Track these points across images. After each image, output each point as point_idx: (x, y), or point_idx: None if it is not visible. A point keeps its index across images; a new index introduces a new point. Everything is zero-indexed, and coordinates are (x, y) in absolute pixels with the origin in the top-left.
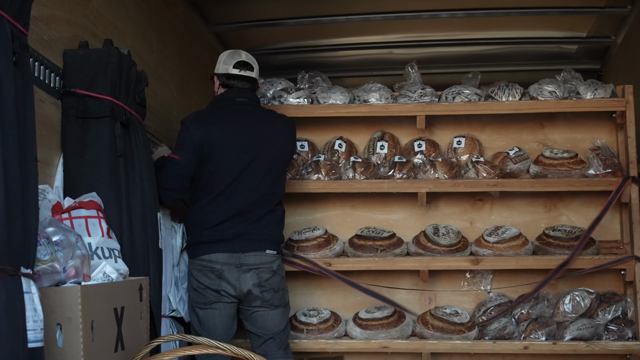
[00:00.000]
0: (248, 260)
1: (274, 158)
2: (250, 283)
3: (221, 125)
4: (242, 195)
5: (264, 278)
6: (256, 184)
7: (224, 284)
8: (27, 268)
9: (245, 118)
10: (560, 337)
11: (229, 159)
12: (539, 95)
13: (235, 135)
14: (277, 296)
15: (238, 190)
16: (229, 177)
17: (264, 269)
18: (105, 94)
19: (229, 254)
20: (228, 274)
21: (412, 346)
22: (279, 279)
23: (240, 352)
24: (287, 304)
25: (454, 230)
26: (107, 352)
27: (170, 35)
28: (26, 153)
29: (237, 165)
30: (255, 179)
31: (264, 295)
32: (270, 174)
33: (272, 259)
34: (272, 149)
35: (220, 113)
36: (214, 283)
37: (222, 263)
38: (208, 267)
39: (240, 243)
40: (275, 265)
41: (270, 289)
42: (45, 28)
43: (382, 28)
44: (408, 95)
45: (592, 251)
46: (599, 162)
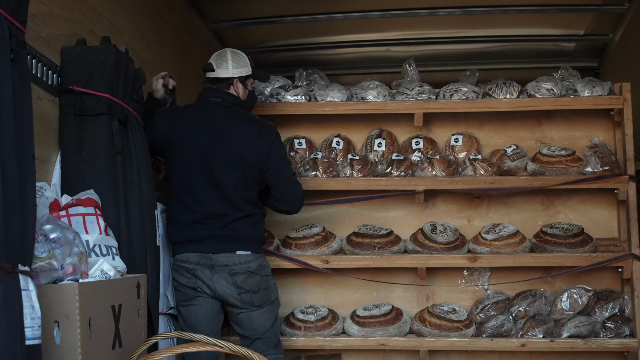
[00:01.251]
0: (219, 260)
1: (240, 161)
2: (224, 284)
3: (184, 123)
4: (209, 197)
5: (240, 279)
6: (222, 188)
7: (199, 282)
8: (24, 265)
9: (212, 119)
10: (557, 334)
11: (188, 157)
12: (536, 92)
13: (196, 135)
14: (257, 297)
15: (203, 192)
16: (191, 177)
17: (238, 270)
18: (103, 92)
19: (200, 254)
20: (201, 274)
21: (409, 343)
22: (259, 279)
23: (238, 350)
24: (272, 301)
25: (452, 227)
26: (105, 350)
27: (168, 33)
28: (24, 150)
29: (198, 165)
30: (221, 180)
31: (242, 297)
32: (240, 178)
33: (246, 259)
34: (237, 153)
35: (189, 111)
36: (190, 281)
37: (194, 263)
38: (182, 267)
39: (211, 244)
40: (254, 265)
41: (248, 290)
42: (43, 25)
43: (380, 26)
44: (406, 92)
45: (589, 249)
46: (596, 160)
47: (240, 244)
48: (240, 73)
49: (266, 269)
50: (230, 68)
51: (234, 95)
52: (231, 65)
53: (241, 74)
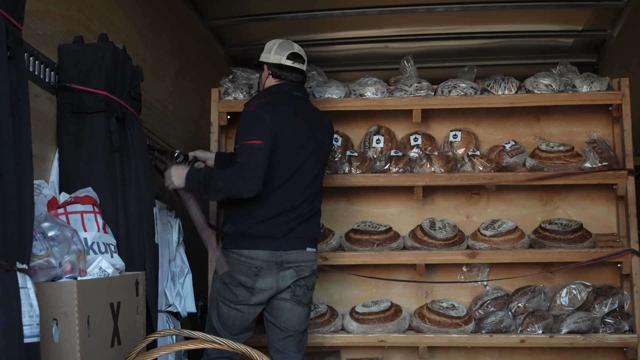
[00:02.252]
0: (289, 257)
1: (324, 156)
2: (289, 280)
3: (287, 117)
4: (296, 191)
5: (302, 274)
6: (309, 182)
7: (260, 281)
8: (22, 263)
9: (305, 113)
10: (557, 330)
11: (291, 152)
12: (535, 88)
13: (299, 129)
14: (308, 295)
15: (293, 186)
16: (287, 172)
17: (304, 266)
18: (101, 89)
19: (272, 251)
20: (266, 272)
21: (408, 340)
22: (314, 279)
23: (237, 347)
24: (311, 304)
25: (451, 224)
26: (104, 347)
27: (166, 30)
28: (21, 148)
29: (297, 160)
30: (309, 176)
31: (296, 289)
32: (321, 172)
33: (312, 257)
34: (323, 147)
35: (284, 104)
36: (249, 281)
37: (263, 260)
38: (246, 263)
39: (287, 241)
40: (315, 265)
41: (304, 285)
42: (40, 23)
43: (378, 22)
44: (404, 89)
45: (588, 244)
46: (595, 155)
47: (310, 240)
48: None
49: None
50: (305, 62)
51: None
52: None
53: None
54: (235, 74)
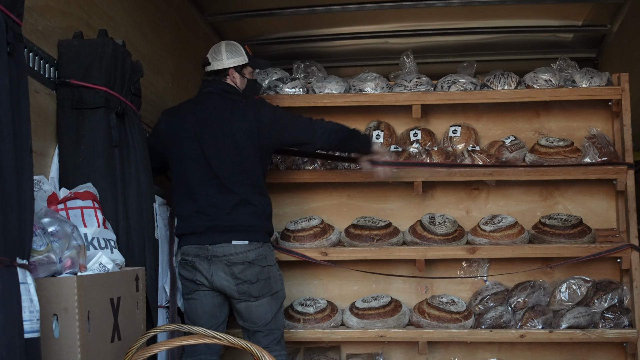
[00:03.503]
0: (216, 251)
1: (233, 144)
2: (222, 275)
3: (180, 117)
4: (205, 186)
5: (237, 270)
6: (215, 172)
7: (198, 274)
8: (22, 259)
9: (203, 107)
10: (556, 325)
11: (184, 147)
12: (534, 83)
13: (190, 125)
14: (255, 287)
15: (200, 179)
16: (188, 168)
17: (235, 260)
18: (100, 85)
19: (198, 246)
20: (199, 266)
21: (408, 335)
22: (258, 269)
23: (237, 342)
24: (274, 293)
25: (450, 219)
26: (104, 343)
27: (166, 26)
28: (21, 144)
29: (193, 155)
30: (213, 167)
31: (239, 287)
32: (234, 161)
33: (243, 249)
34: (228, 136)
35: (184, 105)
36: (190, 274)
37: (193, 255)
38: (184, 259)
39: (209, 235)
40: (252, 255)
41: (246, 280)
42: (40, 18)
43: (378, 17)
44: (404, 84)
45: (588, 239)
46: (594, 151)
47: (238, 233)
48: (235, 63)
49: (268, 259)
50: (225, 59)
51: (228, 84)
52: (225, 56)
53: (236, 64)
54: None
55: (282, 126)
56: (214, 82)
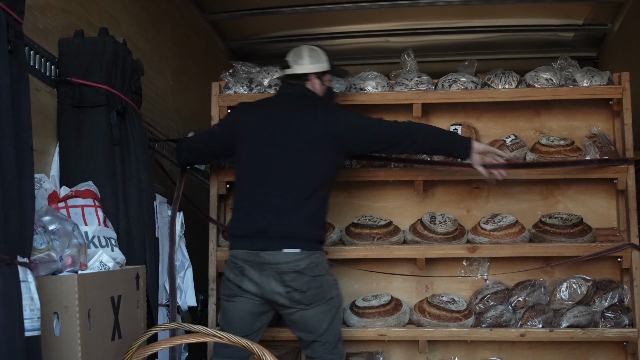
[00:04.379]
0: (267, 259)
1: (298, 148)
2: (273, 282)
3: (255, 115)
4: (266, 187)
5: (288, 278)
6: (283, 176)
7: (246, 281)
8: (23, 257)
9: (279, 109)
10: (556, 324)
11: (254, 146)
12: (535, 82)
13: (264, 125)
14: (306, 296)
15: (262, 180)
16: (253, 166)
17: (285, 268)
18: (101, 83)
19: (250, 251)
20: (249, 273)
21: (409, 334)
22: (308, 278)
23: (238, 341)
24: (329, 299)
25: (451, 218)
26: (104, 341)
27: (166, 24)
28: (22, 142)
29: (261, 155)
30: (281, 170)
31: (291, 295)
32: (303, 167)
33: (295, 257)
34: (295, 139)
35: (261, 104)
36: (237, 279)
37: (243, 260)
38: (233, 262)
39: (260, 241)
40: (303, 264)
41: (297, 289)
42: (41, 17)
43: (379, 16)
44: (404, 83)
45: (588, 239)
46: (595, 150)
47: (290, 240)
48: (316, 69)
49: (320, 267)
50: (307, 64)
51: (308, 89)
52: (307, 61)
53: (318, 70)
54: (236, 68)
55: (364, 128)
56: (293, 85)
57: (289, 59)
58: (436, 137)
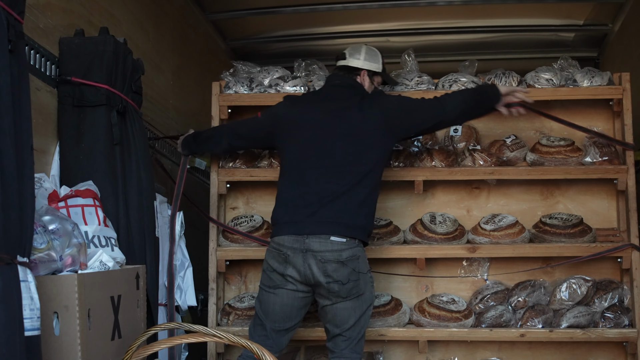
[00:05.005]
0: (312, 246)
1: (349, 134)
2: (315, 270)
3: (304, 104)
4: (315, 172)
5: (330, 268)
6: (332, 162)
7: (290, 268)
8: (23, 256)
9: (330, 99)
10: (556, 324)
11: (303, 135)
12: (535, 83)
13: (312, 114)
14: (344, 288)
15: (311, 166)
16: (302, 154)
17: (329, 257)
18: (102, 82)
19: (295, 236)
20: (294, 259)
21: (408, 334)
22: (349, 270)
23: (237, 340)
24: (360, 295)
25: (451, 218)
26: (104, 340)
27: (167, 23)
28: (22, 142)
29: (310, 143)
30: (330, 156)
31: (330, 286)
32: (345, 150)
33: (340, 247)
34: (346, 127)
35: (310, 95)
36: (280, 267)
37: (289, 247)
38: (276, 250)
39: (307, 225)
40: (346, 254)
41: (337, 280)
42: (41, 16)
43: (379, 16)
44: (405, 83)
45: (588, 239)
46: (595, 150)
47: (337, 227)
48: (370, 67)
49: (360, 260)
50: (362, 59)
51: (357, 82)
52: (363, 57)
53: (371, 68)
54: (236, 68)
55: (410, 110)
56: (343, 77)
57: (346, 52)
58: (473, 97)
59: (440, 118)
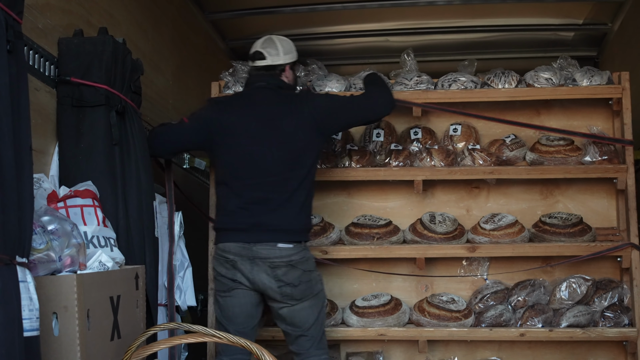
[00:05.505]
0: (260, 252)
1: (283, 141)
2: (264, 276)
3: (233, 110)
4: (255, 181)
5: (281, 272)
6: (267, 169)
7: (239, 274)
8: (22, 257)
9: (255, 103)
10: (556, 324)
11: (235, 143)
12: (535, 82)
13: (245, 120)
14: (297, 290)
15: (250, 175)
16: (237, 163)
17: (278, 262)
18: (101, 83)
19: (242, 244)
20: (241, 266)
21: (408, 334)
22: (300, 272)
23: (237, 341)
24: (315, 294)
25: (451, 217)
26: (103, 341)
27: (166, 24)
28: (21, 142)
29: (244, 151)
30: (265, 164)
31: (283, 290)
32: (282, 159)
33: (288, 252)
34: (280, 132)
35: (234, 98)
36: (229, 272)
37: (235, 254)
38: (223, 257)
39: (253, 233)
40: (296, 258)
41: (289, 283)
42: (40, 16)
43: (379, 15)
44: (404, 83)
45: (588, 238)
46: (595, 149)
47: (283, 234)
48: (291, 59)
49: (309, 263)
50: (282, 54)
51: (282, 81)
52: (282, 52)
53: (292, 60)
54: (236, 68)
55: (338, 109)
56: (267, 77)
57: (262, 50)
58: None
59: (372, 113)
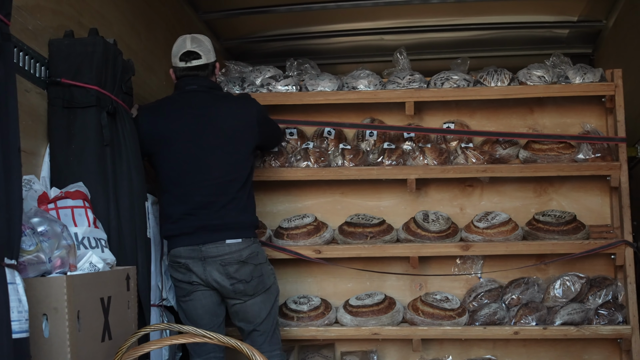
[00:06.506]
0: (210, 252)
1: (225, 143)
2: (217, 274)
3: (166, 116)
4: (199, 185)
5: (232, 270)
6: (211, 173)
7: (194, 276)
8: (11, 259)
9: (192, 106)
10: (550, 322)
11: (176, 149)
12: (527, 80)
13: (180, 125)
14: (250, 286)
15: (194, 180)
16: (180, 169)
17: (229, 259)
18: (92, 84)
19: (191, 247)
20: (194, 267)
21: (402, 332)
22: (251, 268)
23: (227, 341)
24: (267, 289)
25: (444, 216)
26: (94, 342)
27: (159, 24)
28: (9, 143)
29: (185, 156)
30: (208, 167)
31: (235, 287)
32: (225, 160)
33: (238, 247)
34: (221, 134)
35: (167, 103)
36: (185, 276)
37: (186, 257)
38: (176, 262)
39: (201, 235)
40: (245, 253)
41: (241, 280)
42: (30, 18)
43: (373, 14)
44: (397, 81)
45: (582, 236)
46: (588, 147)
47: (230, 231)
48: (215, 56)
49: (260, 256)
50: (211, 51)
51: (211, 81)
52: (210, 49)
53: (215, 57)
54: (229, 68)
55: (268, 127)
56: (197, 78)
57: (197, 50)
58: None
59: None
